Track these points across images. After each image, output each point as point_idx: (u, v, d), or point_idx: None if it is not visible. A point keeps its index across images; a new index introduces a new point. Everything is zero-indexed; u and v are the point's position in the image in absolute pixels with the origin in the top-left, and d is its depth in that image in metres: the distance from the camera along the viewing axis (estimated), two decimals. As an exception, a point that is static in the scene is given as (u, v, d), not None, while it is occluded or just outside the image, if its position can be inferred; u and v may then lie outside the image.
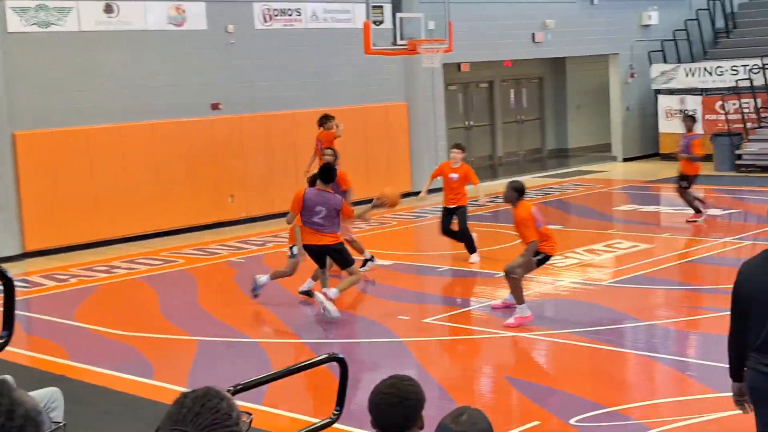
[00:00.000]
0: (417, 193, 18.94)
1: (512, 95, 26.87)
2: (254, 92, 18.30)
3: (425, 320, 10.91)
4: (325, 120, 16.17)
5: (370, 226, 17.19)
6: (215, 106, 17.85)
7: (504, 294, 11.19)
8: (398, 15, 16.94)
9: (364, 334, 10.58)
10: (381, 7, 17.74)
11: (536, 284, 12.32)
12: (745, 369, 5.25)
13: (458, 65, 23.40)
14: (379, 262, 13.66)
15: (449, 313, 11.16)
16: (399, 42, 16.87)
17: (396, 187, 14.31)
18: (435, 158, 20.92)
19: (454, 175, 13.83)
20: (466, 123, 25.61)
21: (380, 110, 19.94)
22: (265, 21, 18.44)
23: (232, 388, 3.75)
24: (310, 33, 19.06)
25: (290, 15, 18.78)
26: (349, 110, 19.41)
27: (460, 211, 13.85)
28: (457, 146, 14.26)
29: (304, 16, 18.97)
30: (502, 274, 10.66)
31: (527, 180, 22.46)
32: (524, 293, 10.48)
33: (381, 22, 17.48)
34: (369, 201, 11.49)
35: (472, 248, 13.83)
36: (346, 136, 19.33)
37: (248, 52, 18.21)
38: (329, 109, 19.09)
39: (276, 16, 18.57)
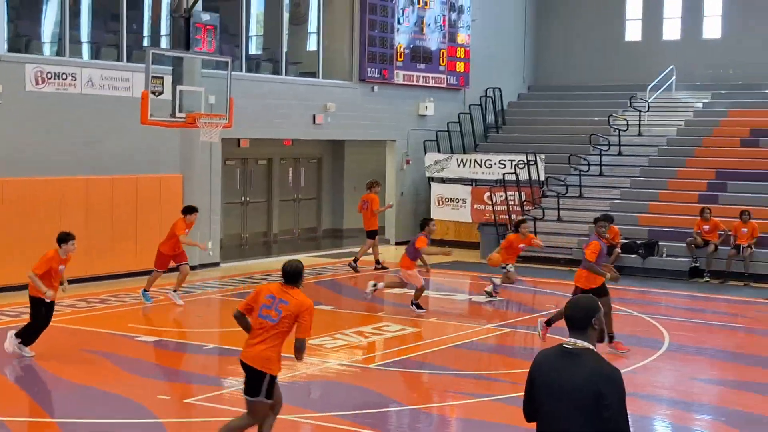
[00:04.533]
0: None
1: (290, 174, 27.03)
2: (21, 155, 17.46)
3: (187, 400, 10.54)
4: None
5: (136, 300, 16.60)
6: (-23, 167, 16.89)
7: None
8: (178, 87, 16.71)
9: (121, 413, 10.08)
10: (161, 78, 17.47)
11: (303, 366, 12.21)
12: None
13: (238, 141, 23.32)
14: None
15: (213, 393, 10.84)
16: (178, 114, 16.60)
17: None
18: (208, 233, 20.62)
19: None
20: (243, 199, 25.48)
21: (154, 181, 19.47)
22: (37, 83, 17.72)
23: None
24: (85, 99, 18.46)
25: (65, 79, 18.14)
26: (122, 180, 18.87)
27: None
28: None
29: (80, 81, 18.37)
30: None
31: (303, 258, 22.51)
32: (292, 374, 10.31)
33: (160, 93, 17.18)
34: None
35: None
36: (116, 206, 18.75)
37: (16, 113, 17.40)
38: (100, 177, 18.52)
39: (49, 79, 17.89)
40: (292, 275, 8.05)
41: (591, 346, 5.10)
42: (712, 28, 28.06)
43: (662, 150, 24.80)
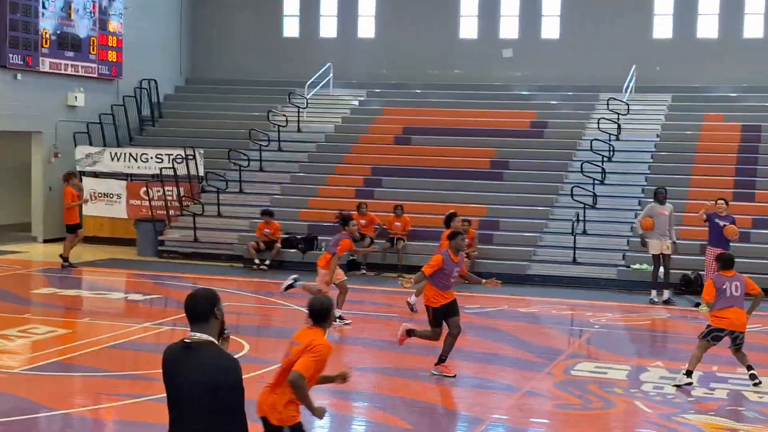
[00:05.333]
0: None
1: None
2: None
3: None
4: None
5: None
6: None
7: None
8: None
9: None
10: None
11: (-64, 374, 10.95)
12: None
13: None
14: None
15: None
16: None
17: None
18: None
19: None
20: None
21: None
22: None
23: None
24: None
25: None
26: None
27: None
28: None
29: None
30: None
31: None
32: None
33: None
34: None
35: None
36: None
37: None
38: None
39: None
40: (317, 314, 6.87)
41: (212, 339, 5.06)
42: (366, 27, 28.84)
43: (321, 146, 25.13)
